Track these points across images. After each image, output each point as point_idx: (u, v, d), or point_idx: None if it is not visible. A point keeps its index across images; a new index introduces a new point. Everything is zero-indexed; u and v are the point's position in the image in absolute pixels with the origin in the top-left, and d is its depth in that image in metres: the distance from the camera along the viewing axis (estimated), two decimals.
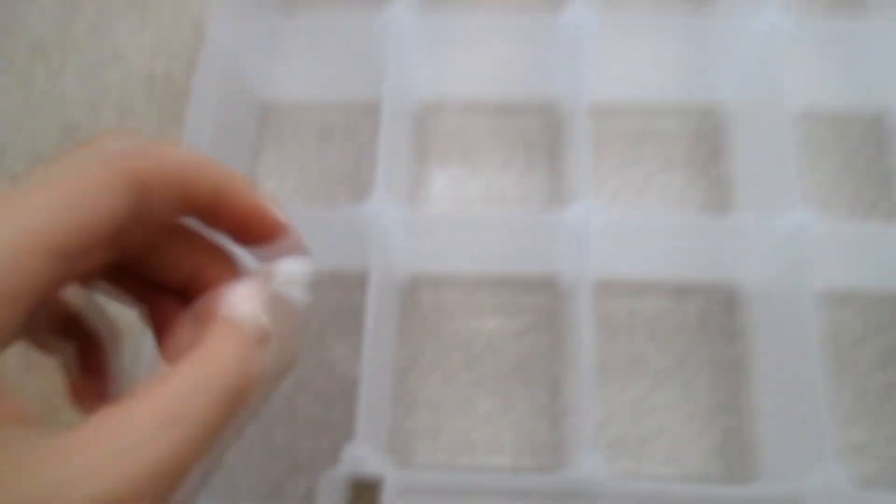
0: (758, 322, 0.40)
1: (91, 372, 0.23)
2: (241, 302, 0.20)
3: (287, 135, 0.47)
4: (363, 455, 0.32)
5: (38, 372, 0.40)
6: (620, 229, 0.37)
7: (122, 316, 0.25)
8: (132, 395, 0.18)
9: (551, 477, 0.31)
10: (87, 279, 0.22)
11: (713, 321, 0.41)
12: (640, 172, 0.44)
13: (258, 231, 0.22)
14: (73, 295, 0.23)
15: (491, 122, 0.46)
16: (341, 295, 0.42)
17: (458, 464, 0.39)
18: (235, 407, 0.19)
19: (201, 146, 0.39)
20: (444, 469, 0.38)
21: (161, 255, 0.22)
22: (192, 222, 0.22)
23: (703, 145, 0.45)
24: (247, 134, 0.45)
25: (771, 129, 0.38)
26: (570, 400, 0.39)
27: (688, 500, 0.32)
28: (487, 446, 0.39)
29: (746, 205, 0.42)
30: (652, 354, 0.41)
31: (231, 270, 0.23)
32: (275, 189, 0.45)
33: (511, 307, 0.42)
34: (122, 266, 0.22)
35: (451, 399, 0.40)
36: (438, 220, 0.38)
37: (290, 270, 0.22)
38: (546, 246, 0.40)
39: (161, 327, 0.23)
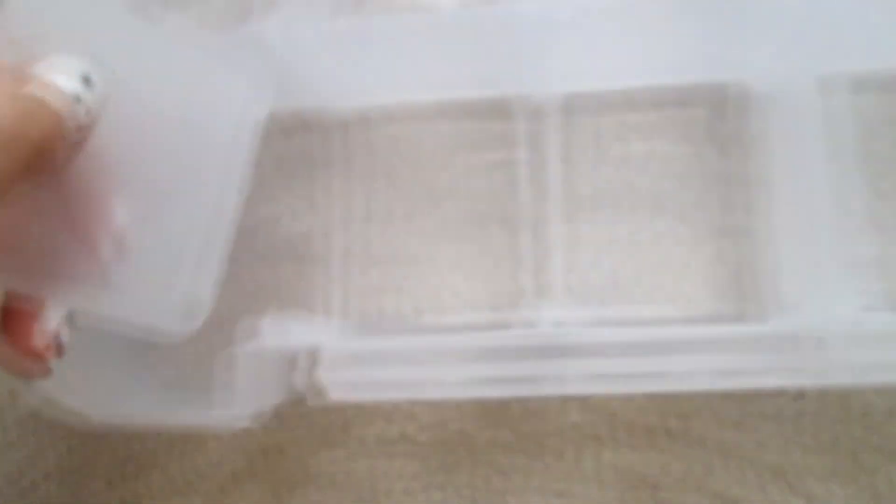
0: (771, 126, 0.32)
1: None
2: None
3: None
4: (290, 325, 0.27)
5: None
6: (598, 20, 0.30)
7: None
8: None
9: (502, 333, 0.26)
10: None
11: (721, 130, 0.34)
12: None
13: None
14: None
15: None
16: (279, 141, 0.36)
17: (425, 322, 0.34)
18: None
19: None
20: (401, 331, 0.33)
21: None
22: None
23: None
24: None
25: None
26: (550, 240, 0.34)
27: (676, 344, 0.26)
28: (458, 300, 0.34)
29: None
30: (647, 177, 0.34)
31: None
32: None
33: (476, 137, 0.35)
34: None
35: (414, 248, 0.35)
36: (363, 30, 0.31)
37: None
38: (513, 55, 0.32)
39: None
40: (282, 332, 0.27)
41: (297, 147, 0.36)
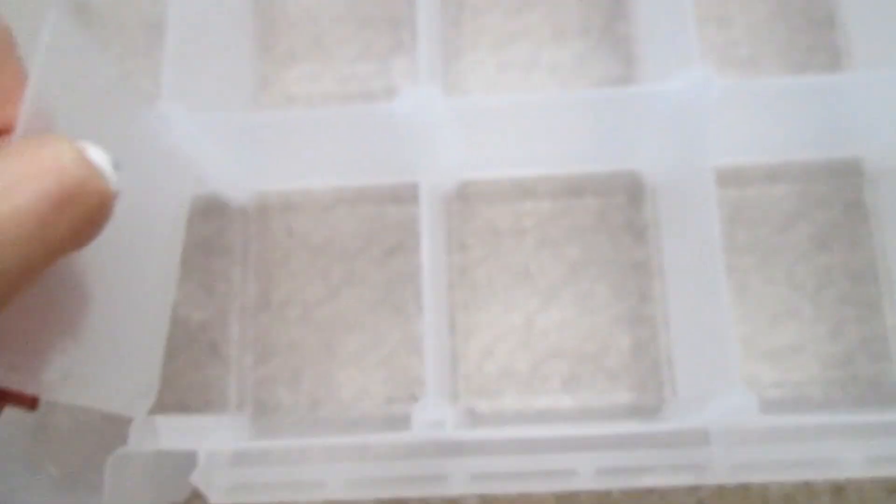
0: (664, 215, 0.33)
1: None
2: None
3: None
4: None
5: None
6: (487, 118, 0.30)
7: None
8: None
9: (389, 434, 0.25)
10: None
11: (614, 219, 0.34)
12: (526, 43, 0.37)
13: None
14: None
15: None
16: None
17: (321, 415, 0.33)
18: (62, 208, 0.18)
19: None
20: (296, 426, 0.32)
21: None
22: None
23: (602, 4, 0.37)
24: None
25: None
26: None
27: (560, 443, 0.26)
28: (355, 391, 0.33)
29: (649, 74, 0.34)
30: (543, 264, 0.34)
31: None
32: None
33: (373, 225, 0.35)
34: None
35: (310, 339, 0.34)
36: (260, 122, 0.30)
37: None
38: (405, 145, 0.32)
39: None
40: (173, 433, 0.26)
41: (196, 234, 0.35)
